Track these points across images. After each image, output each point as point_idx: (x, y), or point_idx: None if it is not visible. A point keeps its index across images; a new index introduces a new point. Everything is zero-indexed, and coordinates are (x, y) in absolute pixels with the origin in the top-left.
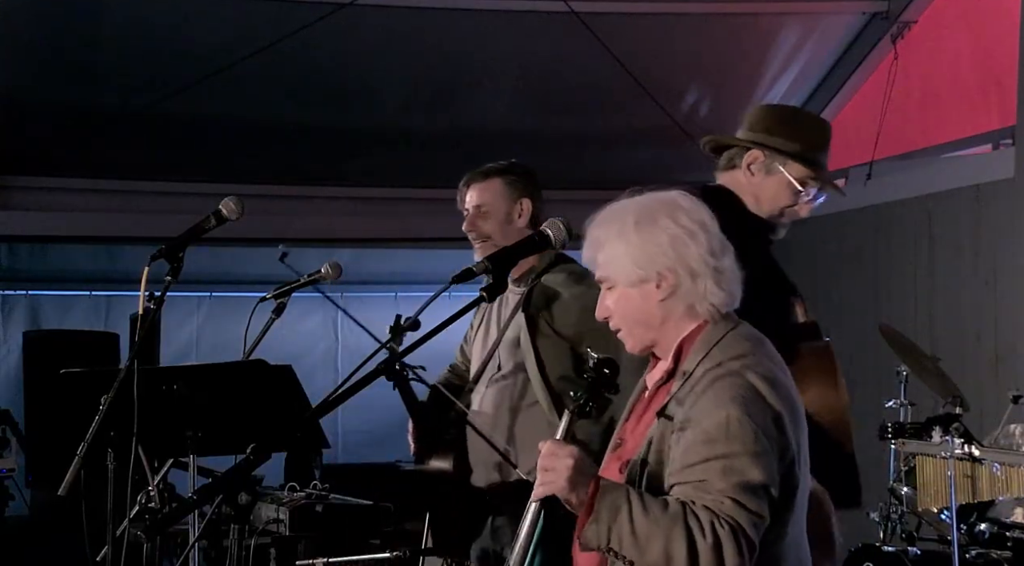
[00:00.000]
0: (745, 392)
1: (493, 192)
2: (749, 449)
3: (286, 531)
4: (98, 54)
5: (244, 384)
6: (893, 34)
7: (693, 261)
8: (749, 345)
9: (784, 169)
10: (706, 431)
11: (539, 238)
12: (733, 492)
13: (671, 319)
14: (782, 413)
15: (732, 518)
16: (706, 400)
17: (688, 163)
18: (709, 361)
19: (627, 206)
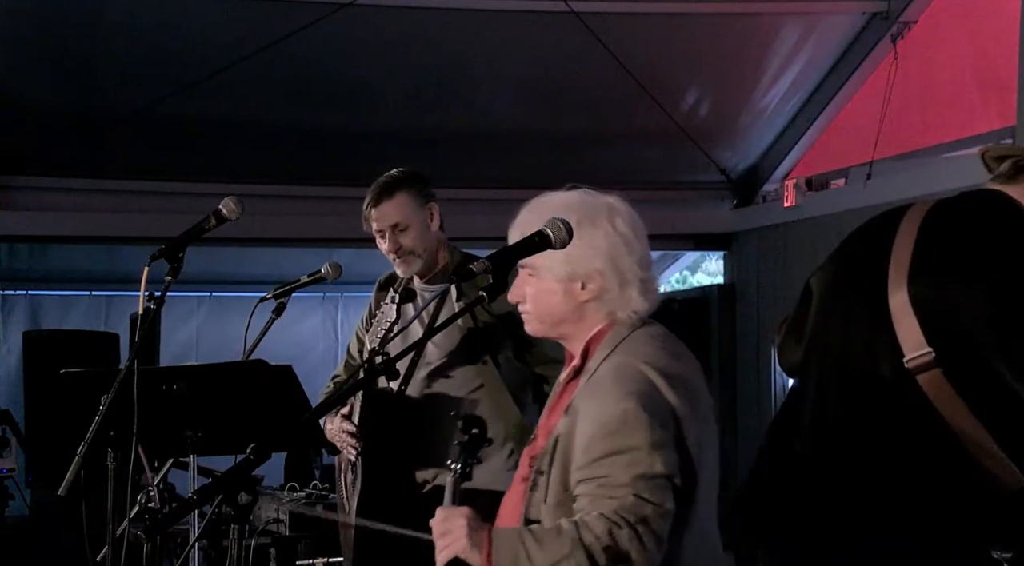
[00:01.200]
0: (641, 386)
1: (403, 207)
2: (648, 441)
3: (286, 531)
4: (98, 54)
5: (244, 384)
6: (893, 34)
7: (625, 269)
8: (653, 342)
9: None
10: (605, 425)
11: (539, 239)
12: (635, 486)
13: (586, 319)
14: (676, 407)
15: (633, 515)
16: (604, 394)
17: (688, 163)
18: (611, 359)
19: (569, 203)
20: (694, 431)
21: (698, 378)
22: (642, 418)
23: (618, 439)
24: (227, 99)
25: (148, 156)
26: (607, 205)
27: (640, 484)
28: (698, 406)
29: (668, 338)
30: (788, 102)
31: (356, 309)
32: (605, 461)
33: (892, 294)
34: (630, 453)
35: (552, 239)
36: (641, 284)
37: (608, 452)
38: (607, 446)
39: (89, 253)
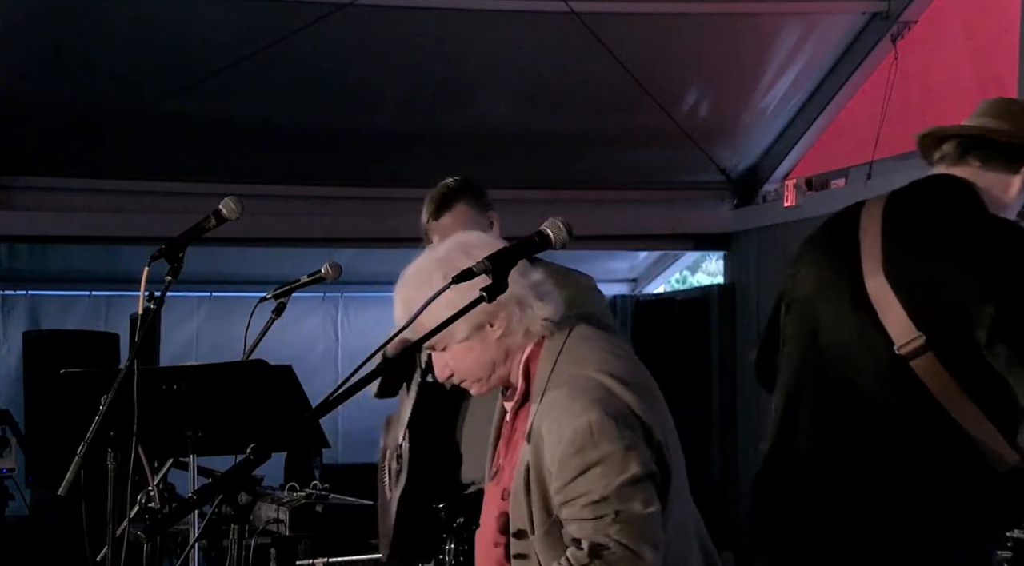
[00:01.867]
0: (596, 393)
1: (463, 217)
2: (619, 446)
3: (286, 531)
4: (98, 54)
5: (244, 384)
6: (893, 34)
7: (515, 288)
8: (591, 345)
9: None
10: (572, 441)
11: (539, 239)
12: (618, 497)
13: (512, 350)
14: (634, 405)
15: (621, 533)
16: (564, 411)
17: (688, 163)
18: (557, 373)
19: (424, 266)
20: (656, 423)
21: (640, 368)
22: (608, 425)
23: (589, 453)
24: (227, 99)
25: (148, 156)
26: (454, 245)
27: (622, 492)
28: (650, 397)
29: (601, 337)
30: (788, 102)
31: (356, 309)
32: (582, 479)
33: (870, 285)
34: (604, 463)
35: (552, 239)
36: (534, 290)
37: (583, 468)
38: (580, 462)
39: (89, 253)
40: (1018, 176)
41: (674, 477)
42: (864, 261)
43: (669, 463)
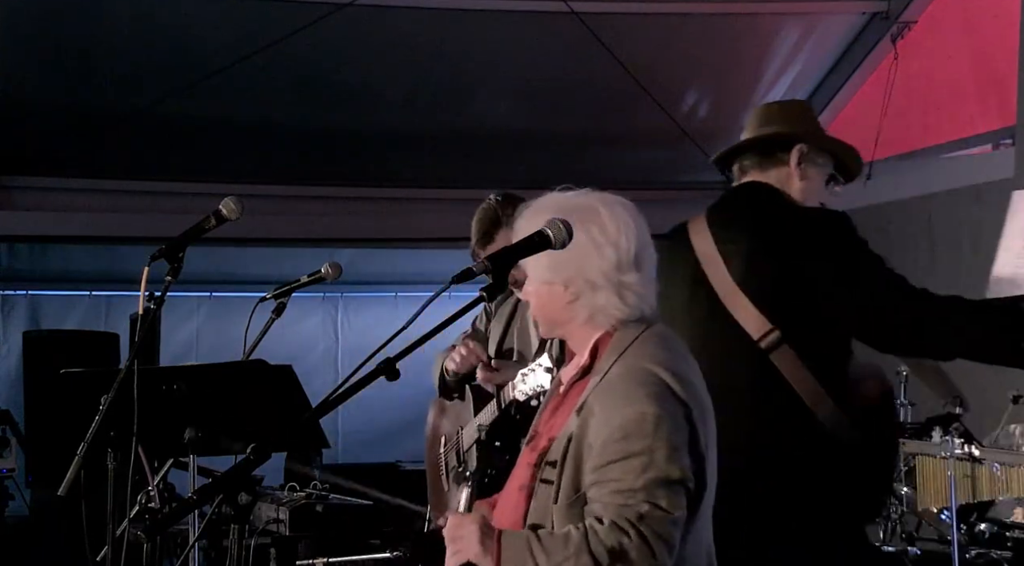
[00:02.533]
0: (657, 388)
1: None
2: (664, 444)
3: (286, 531)
4: (99, 54)
5: (244, 384)
6: (893, 34)
7: (593, 274)
8: (661, 344)
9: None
10: (622, 427)
11: (539, 238)
12: (648, 492)
13: (576, 321)
14: (692, 408)
15: (644, 523)
16: (620, 397)
17: (688, 163)
18: (624, 360)
19: (551, 206)
20: (704, 435)
21: (700, 380)
22: (659, 421)
23: (634, 442)
24: (227, 99)
25: (148, 156)
26: (586, 209)
27: (654, 489)
28: (704, 407)
29: (673, 339)
30: None
31: (356, 309)
32: (619, 464)
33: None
34: (645, 456)
35: (552, 239)
36: (618, 287)
37: (623, 455)
38: (622, 449)
39: (89, 253)
40: (790, 166)
41: (706, 493)
42: (707, 271)
43: (706, 477)
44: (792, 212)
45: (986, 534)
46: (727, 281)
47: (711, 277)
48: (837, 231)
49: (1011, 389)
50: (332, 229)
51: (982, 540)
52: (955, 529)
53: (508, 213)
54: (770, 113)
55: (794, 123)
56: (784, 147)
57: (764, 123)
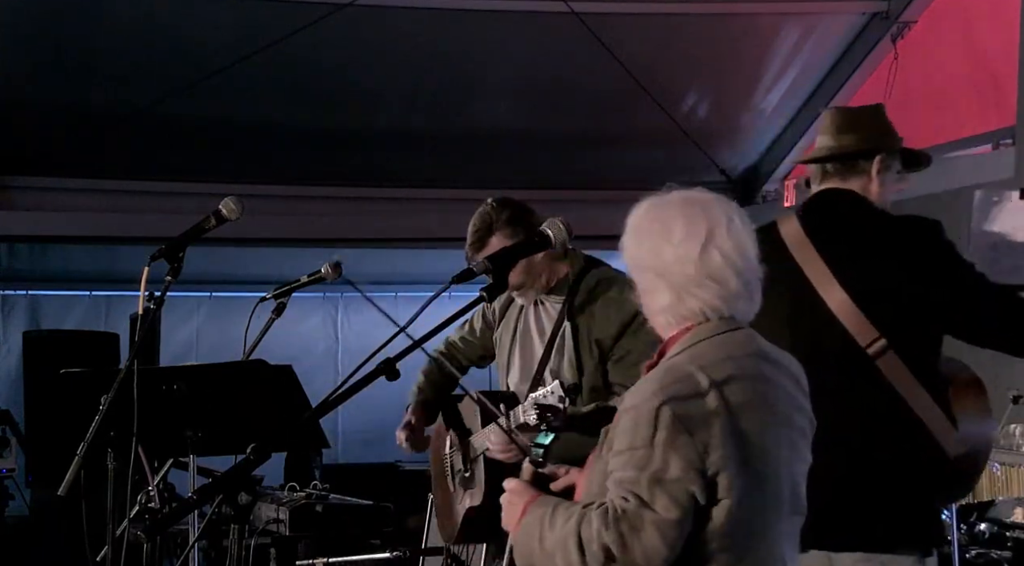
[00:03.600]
0: (678, 386)
1: (505, 240)
2: (662, 443)
3: (286, 531)
4: (98, 54)
5: (244, 384)
6: (893, 34)
7: (652, 273)
8: (722, 348)
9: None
10: (633, 419)
11: (539, 238)
12: (639, 487)
13: (661, 318)
14: (712, 414)
15: (625, 518)
16: (641, 389)
17: (688, 163)
18: (672, 358)
19: (646, 206)
20: (730, 451)
21: (764, 384)
22: (667, 419)
23: (637, 435)
24: (227, 99)
25: (148, 156)
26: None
27: (647, 485)
28: (758, 411)
29: (750, 347)
30: (788, 102)
31: (356, 309)
32: (624, 455)
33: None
34: (644, 451)
35: (552, 239)
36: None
37: (626, 447)
38: (628, 440)
39: (89, 253)
40: (869, 174)
41: (758, 501)
42: (812, 278)
43: (731, 492)
44: (890, 222)
45: (986, 534)
46: (835, 289)
47: (816, 284)
48: (935, 239)
49: (1011, 389)
50: (332, 229)
51: (982, 540)
52: (955, 529)
53: (502, 219)
54: (850, 120)
55: (874, 134)
56: (866, 156)
57: (844, 130)
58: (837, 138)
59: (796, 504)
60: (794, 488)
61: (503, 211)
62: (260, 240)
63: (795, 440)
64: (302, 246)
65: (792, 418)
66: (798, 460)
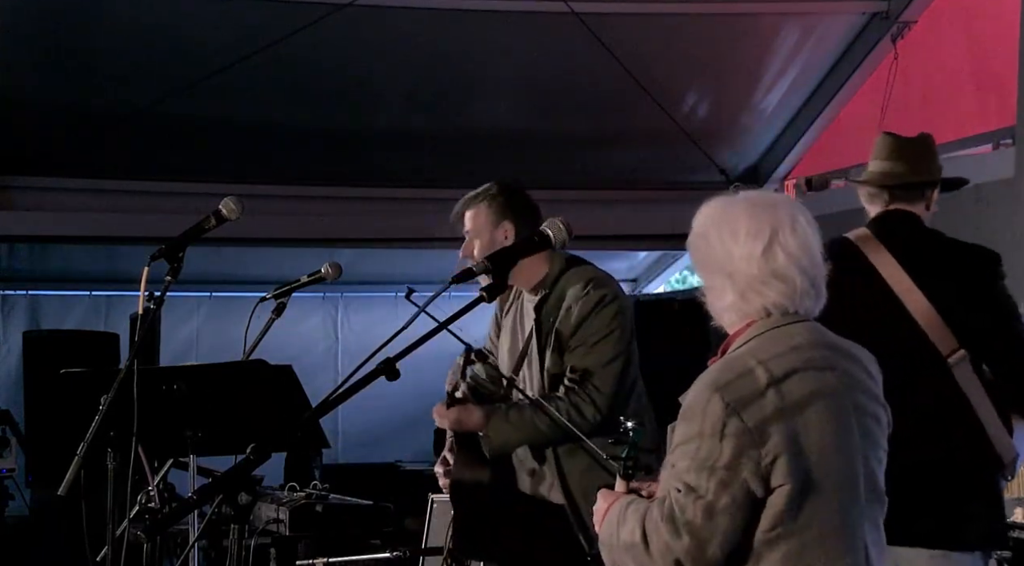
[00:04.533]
0: (732, 376)
1: (478, 217)
2: (714, 431)
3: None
4: (98, 54)
5: (244, 384)
6: (893, 34)
7: (718, 272)
8: (782, 341)
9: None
10: (685, 411)
11: (539, 238)
12: (691, 475)
13: (726, 316)
14: (767, 403)
15: (677, 505)
16: (697, 382)
17: (688, 163)
18: (737, 351)
19: (713, 206)
20: (784, 439)
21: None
22: (719, 408)
23: (691, 426)
24: (227, 99)
25: (148, 156)
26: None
27: (692, 472)
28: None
29: (813, 338)
30: (788, 102)
31: (356, 309)
32: (678, 449)
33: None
34: (695, 442)
35: (552, 238)
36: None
37: (682, 440)
38: (683, 432)
39: (89, 253)
40: (929, 201)
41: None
42: (898, 291)
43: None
44: (955, 247)
45: None
46: (919, 296)
47: (898, 291)
48: (991, 269)
49: None
50: (332, 229)
51: None
52: None
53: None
54: (914, 149)
55: (935, 165)
56: (931, 186)
57: (915, 159)
58: (907, 166)
59: (874, 491)
60: (870, 475)
61: (498, 188)
62: (260, 240)
63: (869, 427)
64: (302, 246)
65: (865, 406)
66: (872, 447)
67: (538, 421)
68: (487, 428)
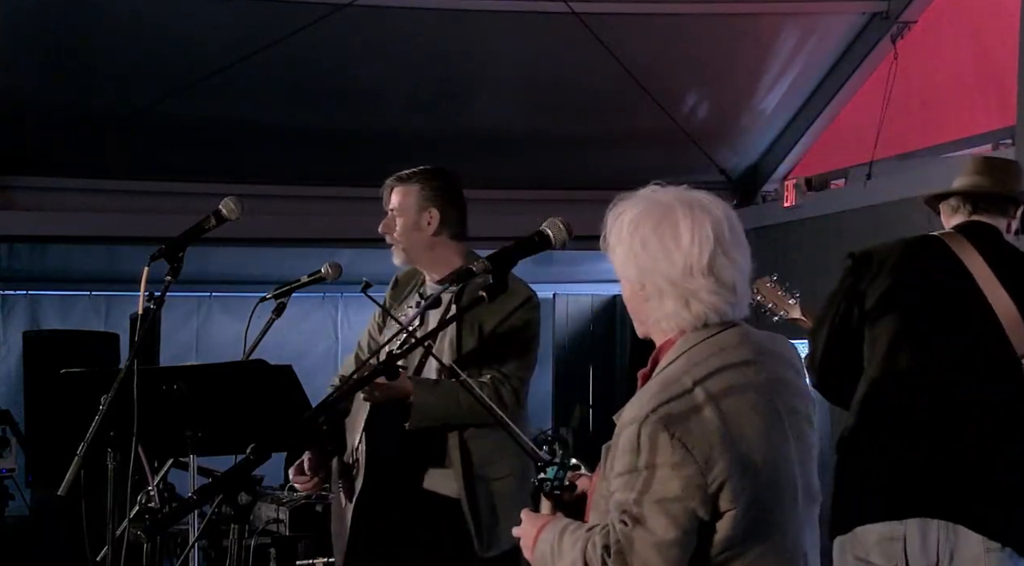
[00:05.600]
0: (675, 403)
1: (408, 196)
2: (662, 463)
3: (286, 531)
4: (98, 54)
5: (244, 384)
6: (893, 34)
7: (660, 279)
8: (717, 355)
9: None
10: (631, 439)
11: (539, 238)
12: (638, 509)
13: (649, 322)
14: (719, 425)
15: (625, 541)
16: (638, 407)
17: (688, 163)
18: (667, 370)
19: (636, 202)
20: (734, 459)
21: (766, 378)
22: (664, 438)
23: (635, 456)
24: (227, 99)
25: (148, 156)
26: (664, 208)
27: (643, 506)
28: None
29: (742, 345)
30: (788, 102)
31: (356, 309)
32: (623, 478)
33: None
34: (644, 472)
35: (552, 239)
36: (686, 293)
37: (625, 469)
38: (626, 463)
39: (89, 253)
40: (1012, 219)
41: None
42: (986, 291)
43: (736, 502)
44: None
45: None
46: (1003, 294)
47: (985, 288)
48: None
49: None
50: (332, 229)
51: None
52: None
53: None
54: (1003, 169)
55: (1020, 186)
56: (1015, 203)
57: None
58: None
59: (809, 492)
60: (806, 477)
61: (433, 172)
62: (260, 240)
63: (801, 428)
64: (302, 246)
65: (794, 406)
66: (805, 448)
67: (462, 397)
68: (413, 395)
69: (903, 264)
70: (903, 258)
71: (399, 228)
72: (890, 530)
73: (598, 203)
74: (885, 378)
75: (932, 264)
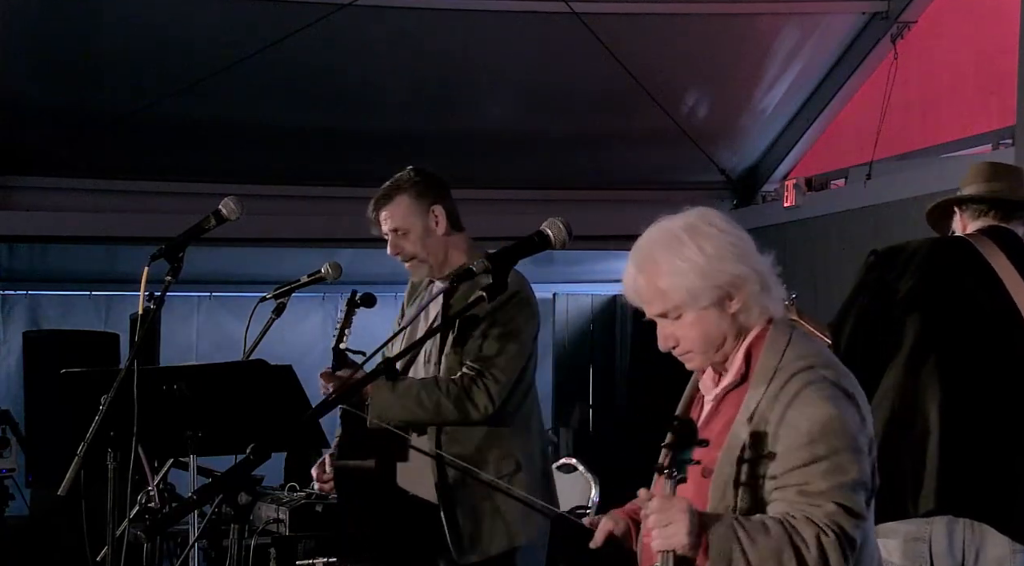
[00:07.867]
0: (834, 392)
1: (403, 211)
2: (848, 447)
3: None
4: (98, 54)
5: (244, 384)
6: (893, 34)
7: (758, 263)
8: (815, 346)
9: None
10: (808, 433)
11: (539, 238)
12: (835, 495)
13: (745, 328)
14: (860, 410)
15: (835, 524)
16: (800, 403)
17: (688, 163)
18: (787, 364)
19: (669, 227)
20: (869, 425)
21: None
22: (843, 424)
23: (820, 446)
24: (227, 99)
25: (148, 156)
26: (701, 212)
27: (839, 492)
28: (868, 409)
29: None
30: (788, 102)
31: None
32: (805, 470)
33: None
34: (830, 460)
35: (552, 238)
36: (772, 272)
37: (808, 460)
38: (808, 454)
39: (89, 253)
40: (1021, 222)
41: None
42: (1007, 283)
43: (876, 483)
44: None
45: None
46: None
47: (1017, 300)
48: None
49: None
50: (332, 229)
51: None
52: None
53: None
54: (1012, 175)
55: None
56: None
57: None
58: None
59: None
60: None
61: (413, 174)
62: (260, 240)
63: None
64: (302, 246)
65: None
66: None
67: (424, 398)
68: (371, 394)
69: (931, 263)
70: (930, 257)
71: (411, 242)
72: (916, 529)
73: (598, 203)
74: (911, 376)
75: (960, 265)
